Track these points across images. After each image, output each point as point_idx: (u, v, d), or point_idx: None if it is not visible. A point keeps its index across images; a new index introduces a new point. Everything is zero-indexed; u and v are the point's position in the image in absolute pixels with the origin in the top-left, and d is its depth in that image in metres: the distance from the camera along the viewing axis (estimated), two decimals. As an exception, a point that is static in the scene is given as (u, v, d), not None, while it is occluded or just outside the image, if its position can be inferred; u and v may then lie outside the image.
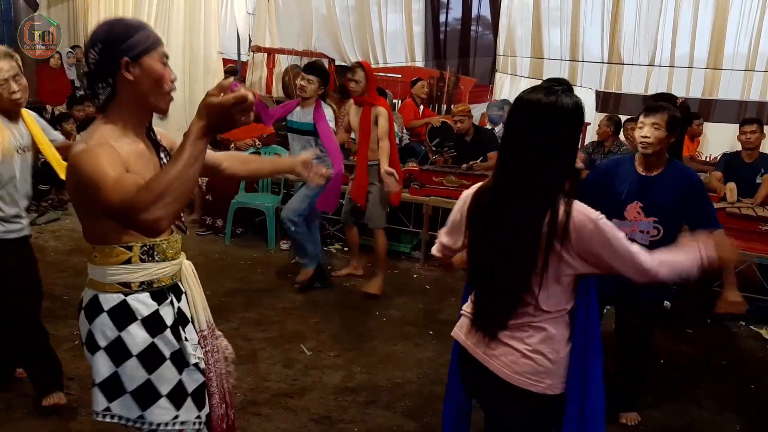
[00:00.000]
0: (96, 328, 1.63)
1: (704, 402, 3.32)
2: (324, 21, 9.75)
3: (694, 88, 7.90)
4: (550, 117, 1.53)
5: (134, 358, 1.62)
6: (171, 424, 1.66)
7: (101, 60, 1.53)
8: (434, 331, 3.96)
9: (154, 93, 1.56)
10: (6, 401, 2.84)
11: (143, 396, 1.63)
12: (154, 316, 1.65)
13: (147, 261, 1.64)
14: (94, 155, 1.44)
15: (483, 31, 10.20)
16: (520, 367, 1.61)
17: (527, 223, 1.54)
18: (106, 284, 1.63)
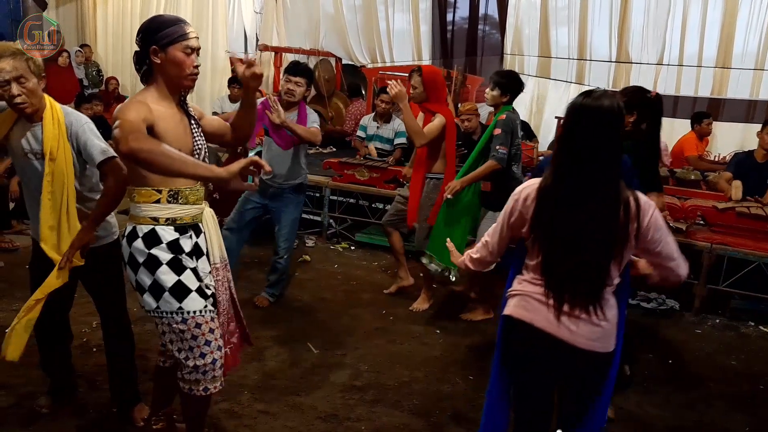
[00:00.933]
0: (134, 250, 2.10)
1: (714, 402, 3.30)
2: (331, 20, 9.75)
3: (702, 86, 7.84)
4: (615, 120, 1.79)
5: (164, 265, 2.09)
6: (203, 311, 2.13)
7: (140, 46, 2.07)
8: (441, 330, 3.95)
9: (176, 74, 2.08)
10: (17, 398, 2.86)
11: (177, 292, 2.10)
12: (174, 242, 2.12)
13: (172, 202, 2.11)
14: (127, 107, 1.98)
15: (490, 30, 10.17)
16: (594, 334, 1.86)
17: (608, 213, 1.78)
18: (141, 218, 2.10)
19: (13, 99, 2.34)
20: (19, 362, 3.09)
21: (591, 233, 1.80)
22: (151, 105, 2.02)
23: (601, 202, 1.79)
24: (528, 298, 1.92)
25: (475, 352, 3.67)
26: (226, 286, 2.33)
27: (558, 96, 8.52)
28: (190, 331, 2.12)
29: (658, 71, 8.00)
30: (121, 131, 1.89)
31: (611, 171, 1.79)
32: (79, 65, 9.21)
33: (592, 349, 1.86)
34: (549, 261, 1.87)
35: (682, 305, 4.62)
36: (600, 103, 1.78)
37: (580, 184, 1.80)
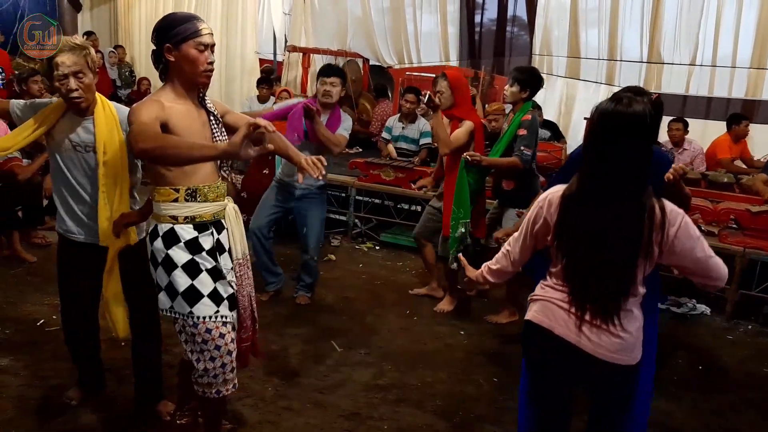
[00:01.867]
0: (155, 249, 2.15)
1: (744, 410, 3.23)
2: (359, 22, 9.78)
3: (737, 88, 7.66)
4: (641, 127, 1.73)
5: (179, 268, 2.12)
6: (213, 316, 2.15)
7: (156, 44, 2.10)
8: (465, 331, 3.93)
9: (190, 71, 2.09)
10: (45, 390, 2.92)
11: (189, 296, 2.12)
12: (193, 241, 2.14)
13: (190, 201, 2.13)
14: (140, 106, 2.01)
15: (518, 32, 10.09)
16: (615, 346, 1.81)
17: (632, 220, 1.74)
18: (161, 216, 2.13)
19: (70, 93, 2.37)
20: (49, 355, 3.20)
21: (613, 240, 1.76)
22: (166, 103, 2.05)
23: (625, 208, 1.75)
24: (549, 304, 1.90)
25: (500, 354, 3.64)
26: (247, 282, 2.36)
27: (587, 97, 8.40)
28: (201, 335, 2.14)
29: (691, 72, 7.84)
30: (132, 134, 1.95)
31: (636, 178, 1.75)
32: (112, 66, 9.40)
33: (613, 361, 1.82)
34: (571, 266, 1.84)
35: (714, 310, 4.52)
36: (626, 110, 1.73)
37: (604, 190, 1.77)
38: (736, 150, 6.38)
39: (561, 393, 1.98)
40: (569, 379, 1.93)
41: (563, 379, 1.94)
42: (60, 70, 2.36)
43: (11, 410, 2.74)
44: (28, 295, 3.98)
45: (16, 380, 2.99)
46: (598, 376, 1.87)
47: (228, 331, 2.20)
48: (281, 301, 4.22)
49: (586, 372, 1.87)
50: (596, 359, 1.81)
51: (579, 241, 1.81)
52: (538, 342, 1.93)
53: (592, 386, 1.94)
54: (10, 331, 3.49)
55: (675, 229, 1.74)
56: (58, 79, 2.37)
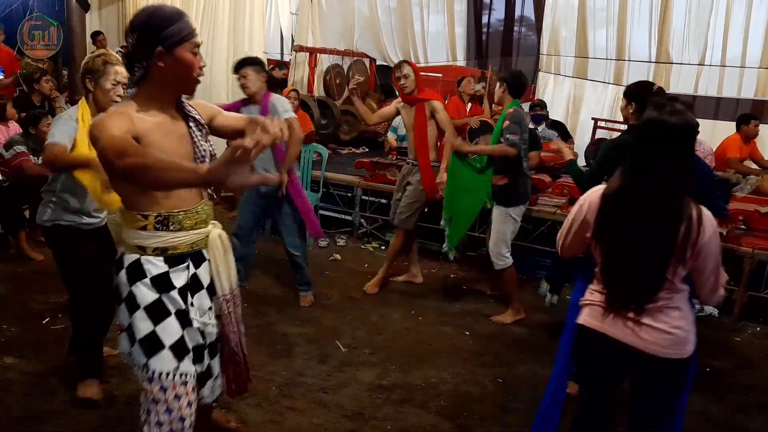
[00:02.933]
0: (119, 282, 1.85)
1: (754, 413, 3.19)
2: (366, 22, 9.78)
3: (746, 88, 7.60)
4: (686, 136, 1.83)
5: (142, 310, 1.81)
6: (172, 373, 1.82)
7: (138, 46, 1.72)
8: (470, 332, 3.91)
9: (182, 78, 1.78)
10: (50, 388, 2.93)
11: (148, 345, 1.81)
12: (162, 276, 1.82)
13: (161, 230, 1.80)
14: (105, 120, 1.66)
15: (526, 32, 10.06)
16: (665, 341, 1.90)
17: (673, 221, 1.81)
18: (129, 244, 1.84)
19: (114, 99, 2.58)
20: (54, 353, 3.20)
21: (649, 242, 1.85)
22: (135, 115, 1.72)
23: (659, 211, 1.83)
24: (597, 308, 1.99)
25: (505, 355, 3.62)
26: (235, 320, 2.06)
27: (595, 97, 8.37)
28: (154, 393, 1.82)
29: (700, 72, 7.78)
30: (104, 151, 1.59)
31: (676, 185, 1.83)
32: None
33: (665, 356, 1.91)
34: (606, 265, 1.94)
35: (722, 312, 4.47)
36: (669, 119, 1.82)
37: (644, 193, 1.85)
38: (746, 150, 6.32)
39: (612, 397, 2.08)
40: (622, 380, 2.03)
41: (617, 382, 2.04)
42: (117, 77, 2.60)
43: (16, 408, 2.75)
44: (34, 294, 3.99)
45: (21, 378, 3.00)
46: (651, 373, 1.96)
47: (186, 393, 1.85)
48: (286, 300, 4.22)
49: (642, 371, 1.96)
50: (649, 355, 1.90)
51: (614, 241, 1.90)
52: (591, 345, 2.02)
53: (647, 385, 2.01)
54: (15, 329, 3.50)
55: (707, 236, 1.83)
56: (113, 83, 2.59)
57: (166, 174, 1.52)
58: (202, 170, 1.51)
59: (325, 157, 5.83)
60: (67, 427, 2.65)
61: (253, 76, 3.82)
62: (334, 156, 6.73)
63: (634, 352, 1.92)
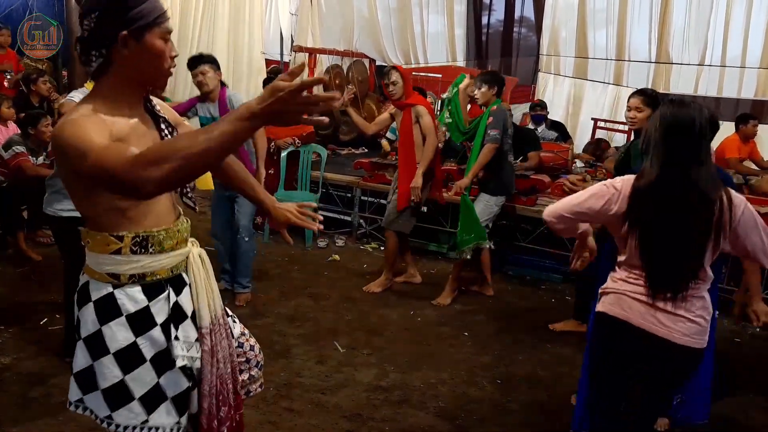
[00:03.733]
0: (82, 316, 1.54)
1: (755, 414, 3.18)
2: (365, 22, 9.77)
3: (746, 88, 7.59)
4: (710, 126, 1.90)
5: (110, 355, 1.50)
6: (139, 428, 1.53)
7: (97, 29, 1.40)
8: (469, 333, 3.90)
9: (151, 70, 1.46)
10: (48, 388, 2.92)
11: (114, 396, 1.51)
12: (141, 312, 1.52)
13: (139, 253, 1.50)
14: (78, 125, 1.33)
15: (526, 33, 10.06)
16: (689, 330, 1.93)
17: (707, 210, 1.86)
18: (97, 273, 1.52)
19: None
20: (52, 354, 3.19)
21: (687, 230, 1.89)
22: (105, 117, 1.40)
23: (697, 199, 1.87)
24: (623, 297, 1.99)
25: (504, 356, 3.61)
26: (219, 356, 1.67)
27: (595, 97, 8.36)
28: None
29: (700, 72, 7.78)
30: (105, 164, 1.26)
31: (705, 172, 1.88)
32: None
33: (688, 344, 1.93)
34: (647, 257, 1.94)
35: (721, 313, 4.45)
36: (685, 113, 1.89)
37: (674, 183, 1.88)
38: (745, 150, 6.31)
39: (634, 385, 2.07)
40: (646, 368, 2.02)
41: (640, 371, 2.04)
42: None
43: (14, 409, 2.74)
44: (32, 294, 3.99)
45: (18, 378, 2.99)
46: (673, 361, 1.98)
47: None
48: (284, 300, 4.21)
49: (664, 359, 1.98)
50: (672, 344, 1.93)
51: (651, 230, 1.91)
52: (614, 333, 2.02)
53: (659, 372, 2.03)
54: (13, 329, 3.50)
55: (739, 214, 1.88)
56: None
57: (216, 144, 1.18)
58: (250, 109, 1.19)
59: (324, 158, 5.82)
60: (63, 427, 2.64)
61: (211, 74, 3.82)
62: (333, 156, 6.73)
63: (657, 341, 1.94)
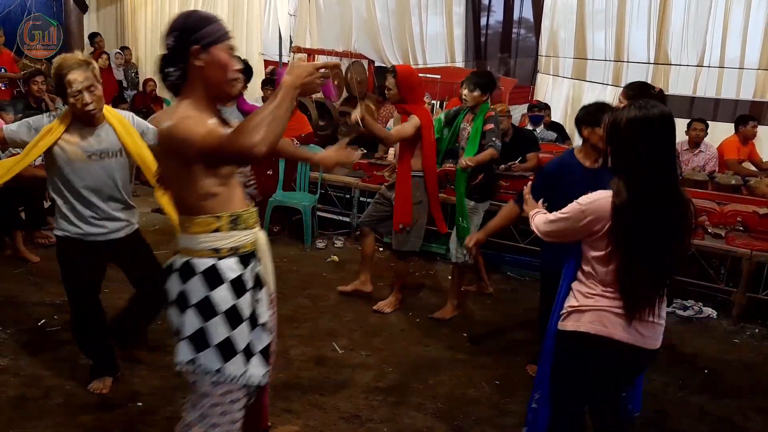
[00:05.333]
0: (188, 289, 1.84)
1: (752, 415, 3.17)
2: (364, 23, 9.77)
3: (744, 89, 7.60)
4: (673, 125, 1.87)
5: (219, 316, 1.83)
6: (241, 377, 1.87)
7: (176, 46, 1.75)
8: (468, 334, 3.89)
9: (219, 79, 1.78)
10: (45, 390, 2.91)
11: (224, 351, 1.84)
12: (238, 279, 1.86)
13: (233, 229, 1.86)
14: (182, 124, 1.69)
15: (525, 34, 10.07)
16: (659, 334, 1.97)
17: (686, 213, 1.87)
18: (198, 251, 1.84)
19: (86, 106, 2.53)
20: (49, 355, 3.18)
21: (670, 239, 1.87)
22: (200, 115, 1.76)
23: (677, 207, 1.87)
24: (603, 313, 1.94)
25: (502, 358, 3.60)
26: (275, 320, 2.15)
27: (594, 98, 8.35)
28: (215, 397, 1.87)
29: (698, 73, 7.79)
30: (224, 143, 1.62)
31: (676, 176, 1.89)
32: (118, 67, 9.40)
33: (656, 347, 1.97)
34: (626, 268, 1.89)
35: (720, 314, 4.46)
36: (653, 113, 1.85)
37: (655, 192, 1.84)
38: (744, 152, 6.31)
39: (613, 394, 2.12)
40: (623, 377, 2.05)
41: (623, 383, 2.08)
42: (74, 87, 2.51)
43: (10, 410, 2.73)
44: (30, 295, 3.98)
45: (16, 380, 2.98)
46: (644, 365, 2.03)
47: (240, 398, 1.91)
48: (282, 301, 4.18)
49: (640, 366, 2.01)
50: (648, 351, 1.95)
51: (637, 243, 1.86)
52: (597, 351, 1.97)
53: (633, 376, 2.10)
54: (11, 330, 3.48)
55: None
56: (73, 95, 2.52)
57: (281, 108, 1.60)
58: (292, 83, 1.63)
59: (323, 159, 5.81)
60: (61, 429, 2.63)
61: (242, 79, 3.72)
62: (332, 157, 6.70)
63: (638, 352, 1.94)
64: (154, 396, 2.91)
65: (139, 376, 3.05)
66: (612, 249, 1.90)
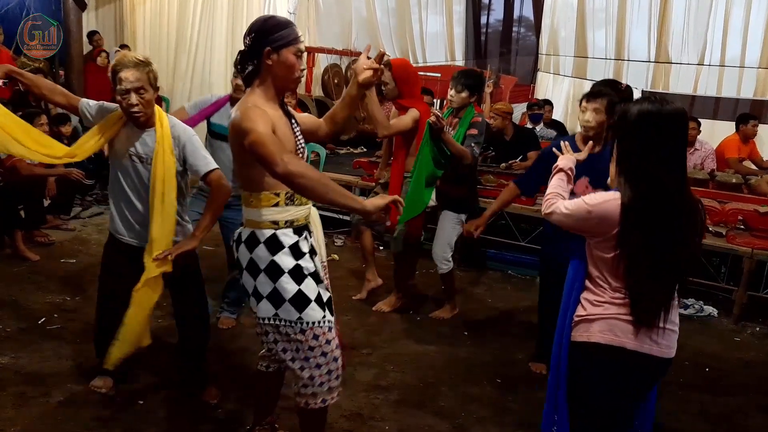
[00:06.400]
0: (256, 256, 2.11)
1: (753, 413, 3.18)
2: (364, 22, 9.77)
3: (745, 88, 7.60)
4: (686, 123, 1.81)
5: (286, 274, 2.09)
6: (321, 321, 2.12)
7: (252, 45, 2.04)
8: (469, 332, 3.89)
9: (285, 76, 2.07)
10: (46, 388, 2.90)
11: (297, 302, 2.09)
12: (295, 245, 2.13)
13: (289, 204, 2.11)
14: (249, 113, 1.96)
15: (525, 33, 10.07)
16: (673, 342, 1.90)
17: (696, 215, 1.82)
18: (261, 222, 2.10)
19: (131, 108, 2.49)
20: (50, 353, 3.17)
21: (679, 240, 1.80)
22: (266, 109, 2.02)
23: (686, 207, 1.80)
24: (615, 321, 1.85)
25: (504, 356, 3.60)
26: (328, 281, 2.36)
27: (594, 97, 8.37)
28: (308, 342, 2.11)
29: (699, 72, 7.79)
30: (265, 148, 1.90)
31: (684, 176, 1.82)
32: (117, 66, 9.39)
33: (670, 356, 1.89)
34: (639, 275, 1.80)
35: (721, 312, 4.47)
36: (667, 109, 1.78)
37: (662, 191, 1.76)
38: (744, 150, 6.31)
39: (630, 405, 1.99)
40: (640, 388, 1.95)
41: (635, 394, 1.96)
42: (123, 85, 2.46)
43: (11, 408, 2.72)
44: (30, 294, 3.97)
45: (16, 378, 2.97)
46: (657, 376, 1.95)
47: (333, 337, 2.18)
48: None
49: (654, 377, 1.94)
50: (662, 360, 1.87)
51: (644, 244, 1.77)
52: (609, 362, 1.87)
53: (651, 386, 1.99)
54: (11, 329, 3.47)
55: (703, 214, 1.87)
56: (120, 93, 2.48)
57: (332, 195, 1.93)
58: (364, 203, 2.04)
59: (323, 157, 5.81)
60: (61, 427, 2.63)
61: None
62: (333, 156, 6.72)
63: (653, 361, 1.86)
64: (154, 394, 2.91)
65: (140, 375, 3.05)
66: (620, 251, 1.81)
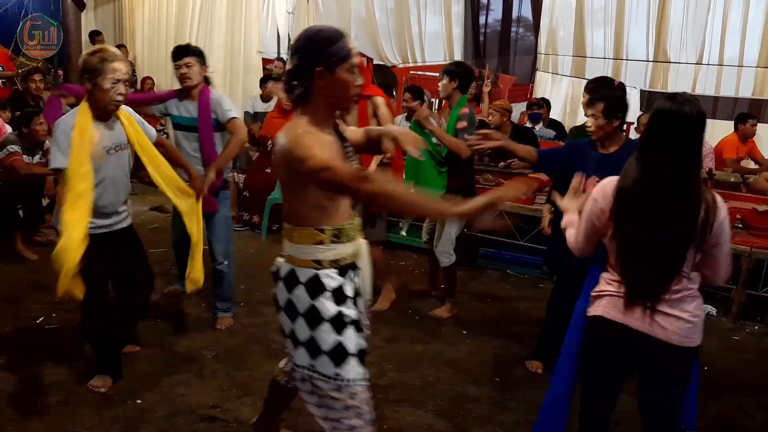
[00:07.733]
0: (295, 297, 1.93)
1: (752, 412, 3.18)
2: (363, 21, 9.77)
3: (743, 87, 7.61)
4: (699, 125, 1.84)
5: (327, 322, 1.88)
6: (360, 380, 1.91)
7: (301, 66, 1.81)
8: (468, 331, 3.89)
9: (340, 96, 1.85)
10: (44, 387, 2.90)
11: (336, 355, 1.88)
12: (339, 289, 1.92)
13: (335, 243, 1.90)
14: (302, 140, 1.74)
15: (524, 33, 10.06)
16: (686, 330, 1.93)
17: (692, 212, 1.85)
18: (302, 260, 1.91)
19: (118, 97, 2.63)
20: (47, 353, 3.17)
21: (670, 231, 1.86)
22: (320, 134, 1.82)
23: (682, 202, 1.85)
24: (616, 298, 1.98)
25: (503, 355, 3.60)
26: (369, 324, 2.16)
27: (593, 96, 8.38)
28: (344, 401, 1.90)
29: (697, 71, 7.79)
30: (333, 172, 1.69)
31: (694, 174, 1.85)
32: (116, 65, 9.37)
33: (682, 344, 1.93)
34: (624, 254, 1.94)
35: (720, 311, 4.47)
36: (681, 108, 1.83)
37: (661, 184, 1.85)
38: (743, 149, 6.32)
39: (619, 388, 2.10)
40: (636, 368, 2.04)
41: (627, 372, 2.05)
42: (116, 75, 2.59)
43: (8, 408, 2.72)
44: (28, 293, 3.97)
45: (13, 378, 2.97)
46: (665, 362, 1.98)
47: (368, 396, 1.95)
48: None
49: (655, 360, 1.98)
50: (667, 345, 1.93)
51: (634, 233, 1.90)
52: (611, 337, 2.01)
53: (657, 375, 2.02)
54: (9, 328, 3.48)
55: (721, 218, 1.87)
56: (112, 82, 2.59)
57: (422, 206, 1.85)
58: (454, 209, 1.77)
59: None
60: (60, 426, 2.62)
61: (197, 68, 3.45)
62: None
63: (653, 343, 1.94)
64: (152, 393, 2.90)
65: (138, 374, 3.04)
66: (611, 233, 1.95)
